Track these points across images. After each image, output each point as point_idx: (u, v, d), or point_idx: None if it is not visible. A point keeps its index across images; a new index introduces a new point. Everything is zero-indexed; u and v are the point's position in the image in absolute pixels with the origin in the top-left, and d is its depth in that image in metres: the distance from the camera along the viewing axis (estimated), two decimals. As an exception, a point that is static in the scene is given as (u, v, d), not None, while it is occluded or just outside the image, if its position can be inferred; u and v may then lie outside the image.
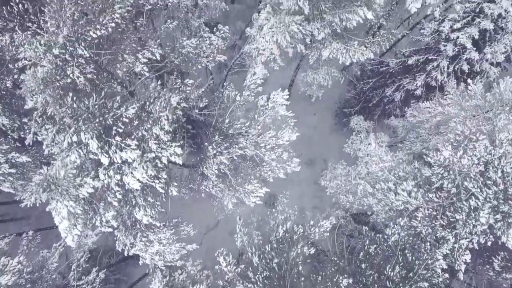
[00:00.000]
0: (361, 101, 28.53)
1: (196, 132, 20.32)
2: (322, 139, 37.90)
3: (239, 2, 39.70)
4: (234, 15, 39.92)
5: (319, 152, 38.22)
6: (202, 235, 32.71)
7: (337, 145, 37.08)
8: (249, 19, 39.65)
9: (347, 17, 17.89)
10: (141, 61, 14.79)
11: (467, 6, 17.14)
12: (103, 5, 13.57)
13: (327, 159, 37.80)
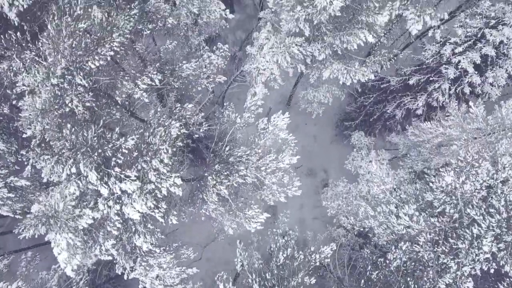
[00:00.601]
0: (362, 115, 28.41)
1: (196, 145, 20.24)
2: (323, 149, 37.80)
3: (238, 12, 39.57)
4: (234, 25, 39.79)
5: (319, 162, 38.11)
6: (202, 248, 32.59)
7: (338, 156, 36.99)
8: (249, 28, 39.65)
9: (348, 39, 17.77)
10: (140, 87, 14.68)
11: (468, 30, 17.03)
12: (102, 33, 13.45)
13: (328, 169, 37.74)
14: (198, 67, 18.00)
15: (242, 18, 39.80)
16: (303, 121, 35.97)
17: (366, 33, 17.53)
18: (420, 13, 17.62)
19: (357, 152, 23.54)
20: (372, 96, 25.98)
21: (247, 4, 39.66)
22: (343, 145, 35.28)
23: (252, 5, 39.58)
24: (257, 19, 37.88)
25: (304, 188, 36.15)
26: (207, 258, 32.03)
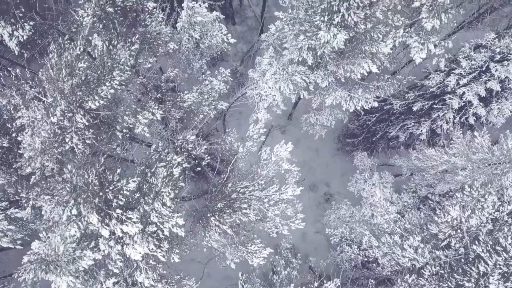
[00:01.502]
0: (364, 132, 28.20)
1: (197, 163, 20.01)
2: (325, 163, 37.58)
3: (240, 24, 39.40)
4: (236, 37, 39.53)
5: (321, 176, 37.92)
6: (203, 265, 32.38)
7: (340, 169, 36.80)
8: (251, 40, 39.45)
9: (351, 68, 17.57)
10: (141, 121, 14.48)
11: (473, 63, 16.82)
12: (102, 71, 13.27)
13: (330, 183, 37.53)
14: (200, 94, 17.80)
15: (243, 30, 39.61)
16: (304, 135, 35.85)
17: (370, 63, 17.33)
18: (424, 41, 17.43)
19: (360, 174, 23.32)
20: (375, 116, 25.77)
21: (248, 16, 39.47)
22: (345, 159, 35.10)
23: (253, 17, 39.39)
24: (258, 31, 37.76)
25: (306, 202, 36.06)
26: (207, 273, 31.80)
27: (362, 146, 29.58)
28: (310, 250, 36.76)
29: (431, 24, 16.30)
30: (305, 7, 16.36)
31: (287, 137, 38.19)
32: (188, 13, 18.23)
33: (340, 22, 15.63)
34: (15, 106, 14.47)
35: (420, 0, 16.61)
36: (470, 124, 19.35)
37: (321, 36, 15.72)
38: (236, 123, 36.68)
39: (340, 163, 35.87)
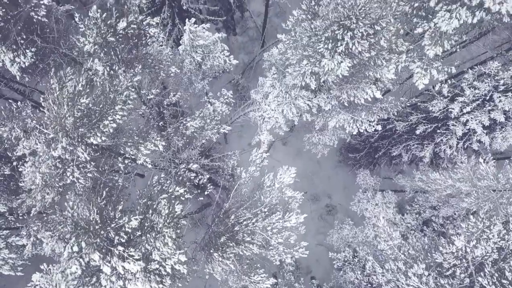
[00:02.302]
0: (367, 147, 28.05)
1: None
2: (326, 174, 37.50)
3: (241, 34, 39.25)
4: (237, 47, 39.49)
5: (323, 187, 37.83)
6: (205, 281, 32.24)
7: (342, 181, 36.68)
8: (252, 50, 39.26)
9: (355, 93, 17.38)
10: (143, 153, 14.32)
11: (476, 92, 16.64)
12: (104, 104, 13.11)
13: (332, 195, 37.42)
14: (202, 118, 17.63)
15: (245, 40, 39.49)
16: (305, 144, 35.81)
17: (374, 88, 17.14)
18: (427, 66, 17.26)
19: (363, 193, 23.16)
20: (377, 132, 25.60)
21: (249, 27, 39.33)
22: (346, 170, 34.97)
23: (254, 27, 39.26)
24: (259, 42, 37.59)
25: (308, 214, 35.90)
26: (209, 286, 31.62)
27: (364, 161, 29.42)
28: (311, 262, 36.65)
29: (433, 51, 16.12)
30: (309, 34, 16.19)
31: (289, 148, 38.08)
32: (190, 36, 18.05)
33: (344, 50, 15.46)
34: (16, 137, 14.32)
35: (423, 27, 16.46)
36: (474, 149, 19.18)
37: (325, 64, 15.55)
38: (237, 135, 36.57)
39: (342, 175, 35.75)
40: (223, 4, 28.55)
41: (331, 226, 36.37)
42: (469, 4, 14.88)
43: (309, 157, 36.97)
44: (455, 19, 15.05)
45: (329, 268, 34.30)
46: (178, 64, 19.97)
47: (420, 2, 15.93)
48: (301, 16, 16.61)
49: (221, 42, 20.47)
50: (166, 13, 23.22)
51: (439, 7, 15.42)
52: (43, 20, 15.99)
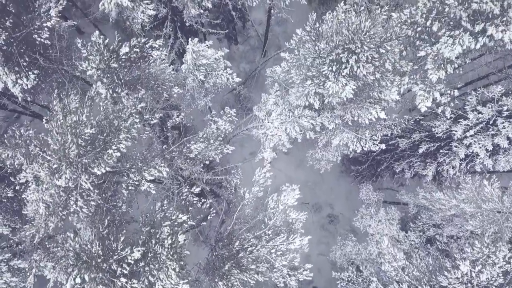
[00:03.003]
0: (369, 160, 27.94)
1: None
2: (328, 184, 37.36)
3: (242, 43, 39.06)
4: (238, 56, 39.30)
5: (325, 197, 37.69)
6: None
7: (344, 191, 36.56)
8: (254, 59, 39.09)
9: (359, 113, 17.27)
10: (147, 179, 14.23)
11: (480, 116, 16.54)
12: (108, 132, 13.01)
13: (333, 204, 37.31)
14: (206, 139, 17.53)
15: (246, 49, 39.26)
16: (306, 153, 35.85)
17: (378, 109, 17.02)
18: (430, 88, 17.15)
19: (366, 209, 23.06)
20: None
21: (250, 36, 39.10)
22: (349, 182, 34.84)
23: (256, 36, 39.04)
24: (261, 51, 37.43)
25: (310, 224, 35.82)
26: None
27: (366, 173, 29.33)
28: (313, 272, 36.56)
29: (436, 76, 16.04)
30: (313, 56, 16.07)
31: (291, 158, 37.95)
32: (193, 56, 17.95)
33: (349, 72, 15.35)
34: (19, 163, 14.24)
35: (425, 50, 16.36)
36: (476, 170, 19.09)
37: (329, 86, 15.44)
38: (239, 144, 36.43)
39: (344, 186, 35.64)
40: (224, 15, 28.43)
41: (333, 235, 36.30)
42: (472, 30, 14.80)
43: (311, 167, 36.94)
44: (458, 45, 14.97)
45: (331, 278, 34.23)
46: (181, 81, 19.87)
47: (423, 26, 15.84)
48: (305, 37, 16.49)
49: (224, 59, 20.37)
50: (169, 28, 23.09)
51: (442, 33, 15.33)
52: (46, 43, 15.90)
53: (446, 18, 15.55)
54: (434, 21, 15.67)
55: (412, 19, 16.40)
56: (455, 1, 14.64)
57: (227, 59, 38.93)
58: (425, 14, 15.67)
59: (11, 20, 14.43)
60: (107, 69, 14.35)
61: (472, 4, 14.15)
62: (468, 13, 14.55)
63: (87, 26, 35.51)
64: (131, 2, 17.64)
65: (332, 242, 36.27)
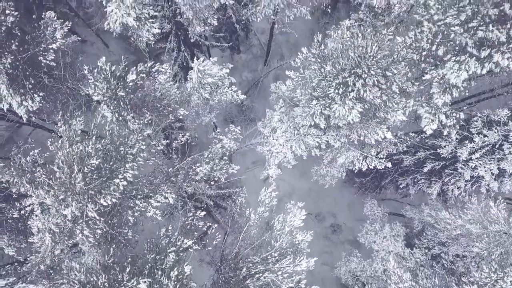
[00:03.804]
0: (373, 172, 27.87)
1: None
2: (332, 194, 37.29)
3: (245, 52, 38.96)
4: (240, 65, 39.17)
5: (328, 206, 37.62)
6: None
7: (347, 201, 36.49)
8: (256, 68, 38.97)
9: (365, 133, 17.21)
10: (153, 205, 14.17)
11: (485, 139, 16.46)
12: (115, 160, 12.95)
13: (336, 214, 37.25)
14: (211, 160, 17.47)
15: (248, 58, 39.10)
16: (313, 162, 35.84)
17: (384, 129, 16.96)
18: (435, 111, 17.07)
19: (371, 224, 23.00)
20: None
21: (253, 44, 38.98)
22: (352, 193, 34.78)
23: (258, 45, 38.92)
24: (263, 59, 37.34)
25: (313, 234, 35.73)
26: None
27: (370, 184, 29.26)
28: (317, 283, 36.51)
29: (441, 100, 15.95)
30: (319, 78, 15.99)
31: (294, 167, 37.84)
32: (198, 75, 17.86)
33: (356, 95, 15.28)
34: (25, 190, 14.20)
35: (431, 74, 16.26)
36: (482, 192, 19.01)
37: (336, 109, 15.37)
38: (241, 154, 36.39)
39: (347, 196, 35.58)
40: (228, 27, 28.33)
41: (336, 245, 36.27)
42: (478, 56, 14.71)
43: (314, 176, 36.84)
44: (464, 70, 14.86)
45: (334, 288, 34.25)
46: (186, 98, 19.80)
47: (428, 50, 15.72)
48: (311, 58, 16.41)
49: (228, 75, 20.24)
50: (173, 43, 23.02)
51: (448, 58, 15.23)
52: (52, 64, 15.82)
53: (452, 42, 15.46)
54: (440, 45, 15.56)
55: (417, 44, 16.29)
56: (460, 27, 14.52)
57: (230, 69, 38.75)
58: (431, 39, 15.54)
59: (16, 43, 14.36)
60: (113, 96, 14.27)
61: (478, 32, 14.04)
62: (474, 39, 14.45)
63: (89, 35, 35.46)
64: (137, 21, 17.55)
65: (335, 251, 36.28)
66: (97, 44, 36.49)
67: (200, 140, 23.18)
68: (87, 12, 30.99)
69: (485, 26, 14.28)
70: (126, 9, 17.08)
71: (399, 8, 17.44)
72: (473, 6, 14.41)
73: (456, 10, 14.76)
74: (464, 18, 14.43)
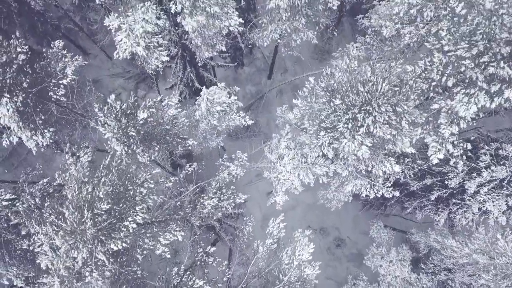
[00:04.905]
0: (379, 191, 27.77)
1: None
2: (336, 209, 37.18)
3: (248, 65, 38.88)
4: (244, 78, 39.07)
5: (332, 220, 37.55)
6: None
7: (351, 215, 36.42)
8: (259, 82, 38.87)
9: (373, 164, 17.16)
10: (162, 243, 14.15)
11: (493, 175, 16.41)
12: (124, 202, 12.92)
13: (340, 228, 37.22)
14: (218, 189, 17.44)
15: (252, 71, 38.97)
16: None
17: (392, 161, 16.92)
18: (442, 140, 17.01)
19: (377, 248, 22.98)
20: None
21: (256, 57, 38.90)
22: (356, 208, 34.73)
23: (262, 58, 38.85)
24: (267, 73, 37.23)
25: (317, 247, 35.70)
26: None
27: (375, 201, 29.21)
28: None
29: (449, 131, 15.90)
30: (328, 112, 15.91)
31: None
32: (208, 104, 17.82)
33: (365, 130, 15.21)
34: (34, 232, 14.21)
35: (439, 103, 16.20)
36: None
37: (345, 145, 15.30)
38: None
39: (352, 211, 35.49)
40: (233, 44, 28.23)
41: (340, 260, 36.24)
42: (488, 90, 14.63)
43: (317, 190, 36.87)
44: (473, 104, 14.79)
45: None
46: (193, 124, 19.76)
47: (438, 81, 15.64)
48: (320, 92, 16.35)
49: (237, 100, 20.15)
50: (179, 66, 22.96)
51: (457, 90, 15.17)
52: (62, 99, 15.75)
53: (462, 75, 15.38)
54: (450, 77, 15.49)
55: (427, 74, 16.20)
56: (471, 61, 14.44)
57: (233, 81, 38.69)
58: (441, 70, 15.47)
59: (27, 81, 14.28)
60: (124, 134, 14.21)
61: (489, 67, 13.98)
62: (484, 74, 14.37)
63: (93, 48, 35.44)
64: (146, 50, 17.47)
65: (339, 266, 36.29)
66: (100, 56, 36.45)
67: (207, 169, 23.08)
68: (91, 28, 30.94)
69: (496, 62, 14.24)
70: (136, 39, 17.01)
71: (409, 38, 17.34)
72: (485, 41, 14.35)
73: (467, 43, 14.70)
74: (475, 52, 14.36)
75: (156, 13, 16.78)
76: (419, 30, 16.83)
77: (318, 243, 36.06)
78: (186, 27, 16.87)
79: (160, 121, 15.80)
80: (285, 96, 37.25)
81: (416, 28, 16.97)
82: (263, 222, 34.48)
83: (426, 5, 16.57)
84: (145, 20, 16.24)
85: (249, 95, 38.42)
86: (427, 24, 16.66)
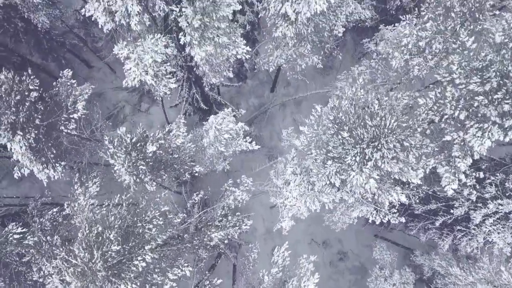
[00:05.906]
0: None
1: None
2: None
3: (251, 78, 38.91)
4: (247, 91, 39.08)
5: (335, 233, 37.52)
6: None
7: (354, 230, 36.42)
8: (262, 94, 38.90)
9: (379, 193, 17.26)
10: (170, 278, 14.25)
11: (500, 208, 16.51)
12: (134, 239, 13.02)
13: (342, 240, 37.27)
14: (224, 216, 17.54)
15: (255, 84, 38.98)
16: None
17: (399, 191, 17.01)
18: (455, 170, 17.07)
19: (380, 270, 23.09)
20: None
21: (259, 70, 38.93)
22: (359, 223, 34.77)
23: (264, 71, 38.84)
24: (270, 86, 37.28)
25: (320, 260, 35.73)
26: None
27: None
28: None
29: (464, 164, 15.95)
30: (336, 144, 15.98)
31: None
32: (216, 133, 17.90)
33: (373, 164, 15.30)
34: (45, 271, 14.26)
35: (451, 135, 16.24)
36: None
37: (353, 178, 15.39)
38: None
39: (354, 224, 35.58)
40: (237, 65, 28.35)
41: (342, 273, 36.32)
42: (501, 124, 14.65)
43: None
44: (487, 138, 14.83)
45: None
46: (200, 148, 19.84)
47: (450, 115, 15.66)
48: (328, 124, 16.43)
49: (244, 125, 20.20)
50: (185, 89, 23.03)
51: (470, 124, 15.19)
52: (73, 133, 15.79)
53: (474, 108, 15.35)
54: (462, 110, 15.46)
55: (438, 107, 16.12)
56: (484, 98, 14.43)
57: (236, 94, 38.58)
58: (454, 105, 15.41)
59: (39, 117, 14.31)
60: (134, 167, 14.31)
61: (503, 105, 13.92)
62: (498, 111, 14.34)
63: (96, 61, 35.47)
64: (154, 78, 17.53)
65: (341, 279, 36.39)
66: (104, 70, 36.47)
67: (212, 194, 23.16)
68: (96, 45, 31.04)
69: (511, 100, 14.22)
70: (145, 68, 17.08)
71: (418, 71, 17.42)
72: (498, 78, 14.36)
73: (479, 77, 14.73)
74: (488, 88, 14.37)
75: (165, 42, 16.85)
76: (428, 61, 16.92)
77: (321, 257, 36.09)
78: (195, 57, 16.95)
79: (168, 150, 15.89)
80: (288, 109, 37.29)
81: (424, 59, 17.05)
82: (266, 235, 34.53)
83: (434, 38, 16.66)
84: (155, 51, 16.30)
85: (252, 107, 38.42)
86: (436, 56, 16.74)
